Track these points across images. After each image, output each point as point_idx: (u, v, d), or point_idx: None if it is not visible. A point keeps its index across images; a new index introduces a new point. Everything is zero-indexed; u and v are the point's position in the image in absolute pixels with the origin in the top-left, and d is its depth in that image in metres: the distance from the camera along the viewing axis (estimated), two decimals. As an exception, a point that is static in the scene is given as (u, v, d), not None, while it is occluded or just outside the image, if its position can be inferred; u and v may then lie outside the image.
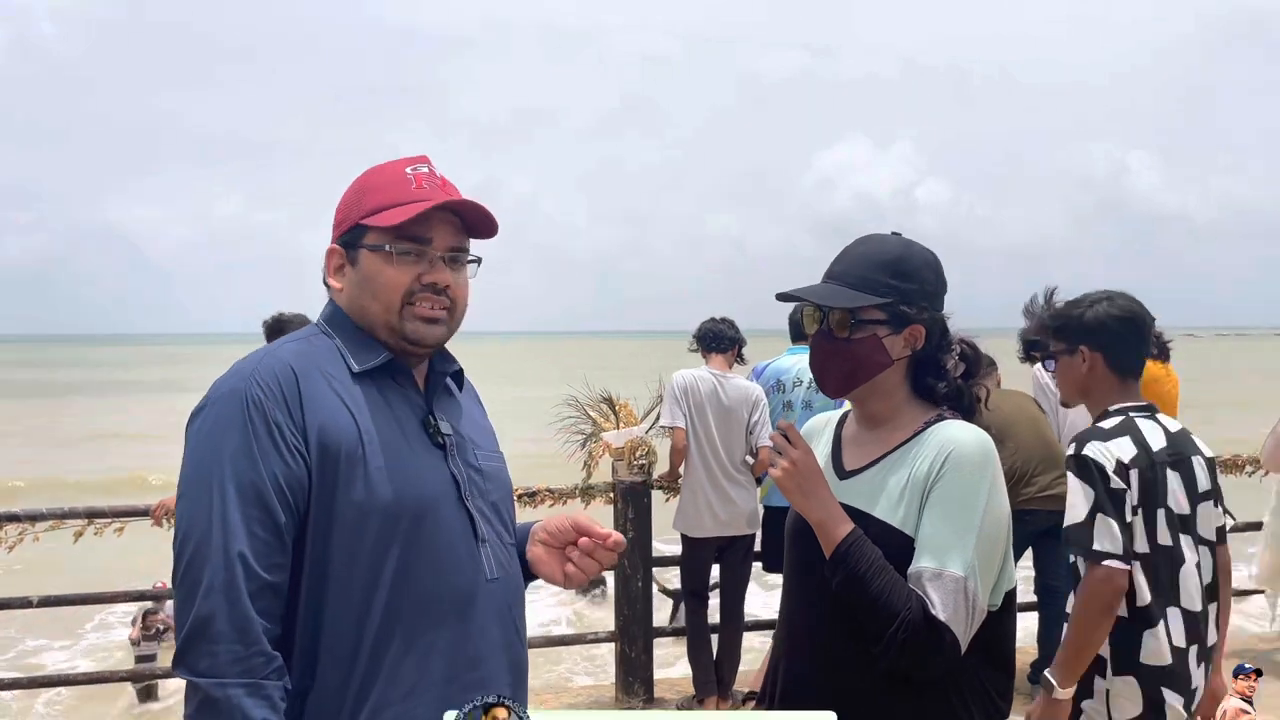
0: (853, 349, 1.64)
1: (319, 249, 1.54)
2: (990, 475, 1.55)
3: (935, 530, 1.52)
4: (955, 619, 1.48)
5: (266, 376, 1.36)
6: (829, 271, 1.69)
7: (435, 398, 1.52)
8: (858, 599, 1.51)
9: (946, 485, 1.53)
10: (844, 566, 1.53)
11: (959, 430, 1.58)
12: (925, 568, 1.51)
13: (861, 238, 1.72)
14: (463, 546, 1.43)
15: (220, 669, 1.25)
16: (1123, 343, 2.43)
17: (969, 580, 1.49)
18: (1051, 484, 4.63)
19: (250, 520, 1.29)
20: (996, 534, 1.54)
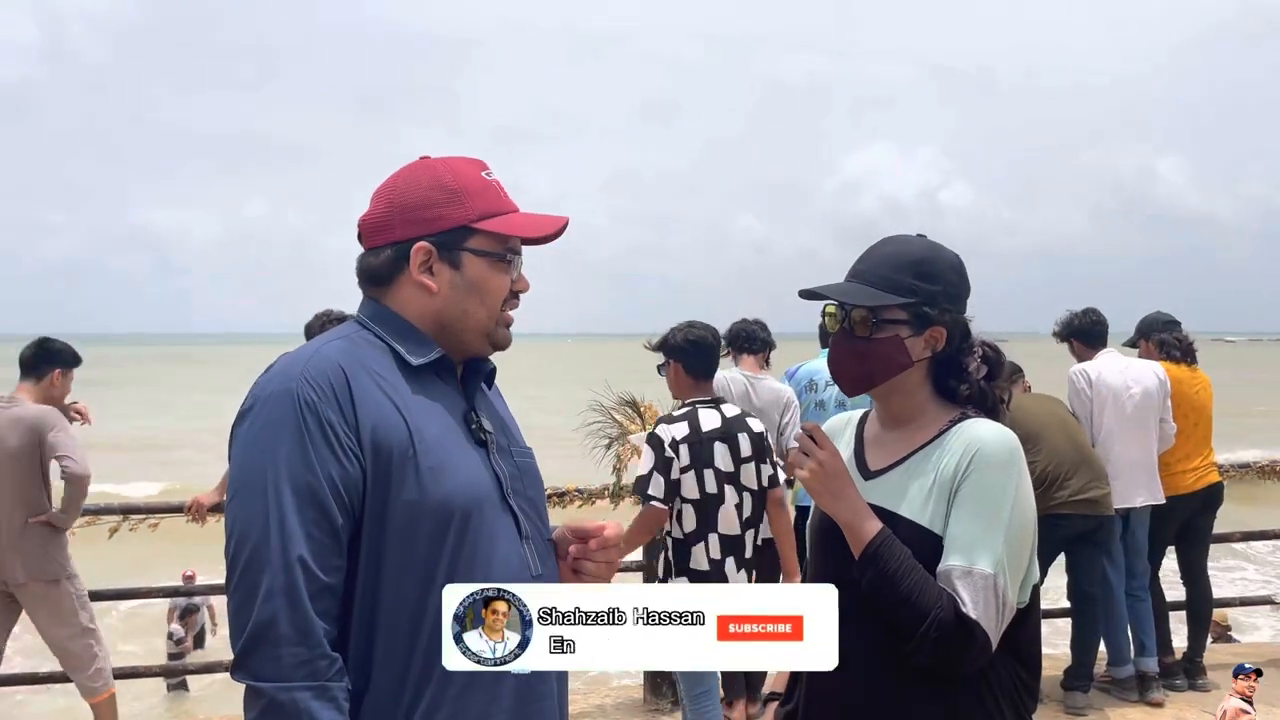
0: (873, 348, 1.63)
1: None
2: (1017, 472, 1.55)
3: (964, 528, 1.53)
4: (986, 616, 1.49)
5: (317, 376, 1.35)
6: (853, 270, 1.69)
7: (473, 395, 1.52)
8: (888, 598, 1.51)
9: (974, 483, 1.54)
10: (874, 566, 1.52)
11: (984, 428, 1.59)
12: (955, 566, 1.51)
13: (886, 238, 1.72)
14: (509, 544, 1.43)
15: (285, 673, 1.24)
16: (691, 357, 3.57)
17: (999, 577, 1.50)
18: (1084, 488, 4.58)
19: (308, 522, 1.28)
20: (1024, 531, 1.54)
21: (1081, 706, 4.65)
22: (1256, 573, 11.10)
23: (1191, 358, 5.04)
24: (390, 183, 1.50)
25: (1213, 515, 5.07)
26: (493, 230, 1.46)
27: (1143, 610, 4.86)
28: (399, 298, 1.48)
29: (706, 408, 3.52)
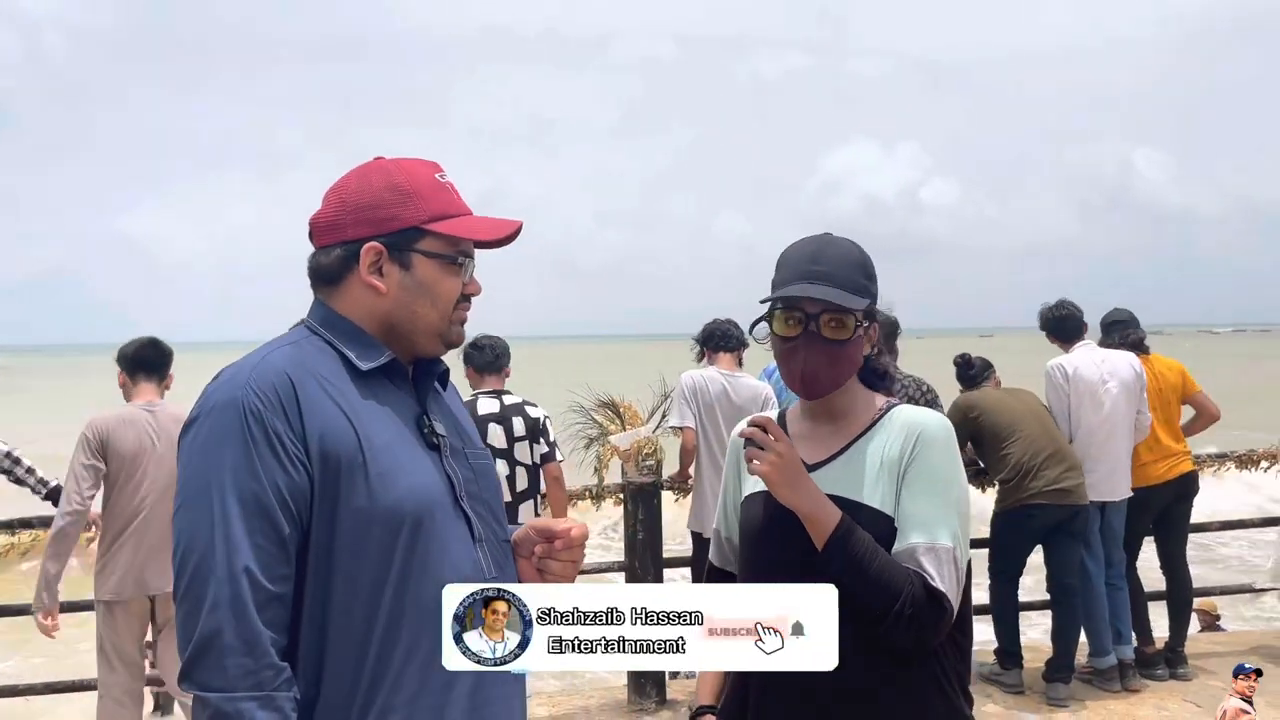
0: (847, 351, 1.67)
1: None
2: (956, 452, 1.66)
3: (920, 506, 1.59)
4: (950, 588, 1.56)
5: (263, 384, 1.34)
6: (812, 273, 1.66)
7: (425, 398, 1.51)
8: (859, 582, 1.53)
9: (923, 463, 1.61)
10: (842, 552, 1.55)
11: (919, 413, 1.68)
12: (918, 543, 1.57)
13: (827, 238, 1.73)
14: (462, 548, 1.43)
15: (231, 683, 1.24)
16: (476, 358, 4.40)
17: (956, 549, 1.58)
18: (1060, 477, 4.61)
19: (254, 532, 1.28)
20: (966, 507, 1.64)
21: (1063, 697, 4.67)
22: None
23: (1144, 350, 5.08)
24: (342, 182, 1.49)
25: (1189, 504, 5.10)
26: (444, 232, 1.46)
27: (1120, 599, 4.89)
28: (348, 298, 1.47)
29: (488, 397, 4.37)
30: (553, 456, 4.36)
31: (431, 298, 1.47)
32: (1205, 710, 4.55)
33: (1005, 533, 4.85)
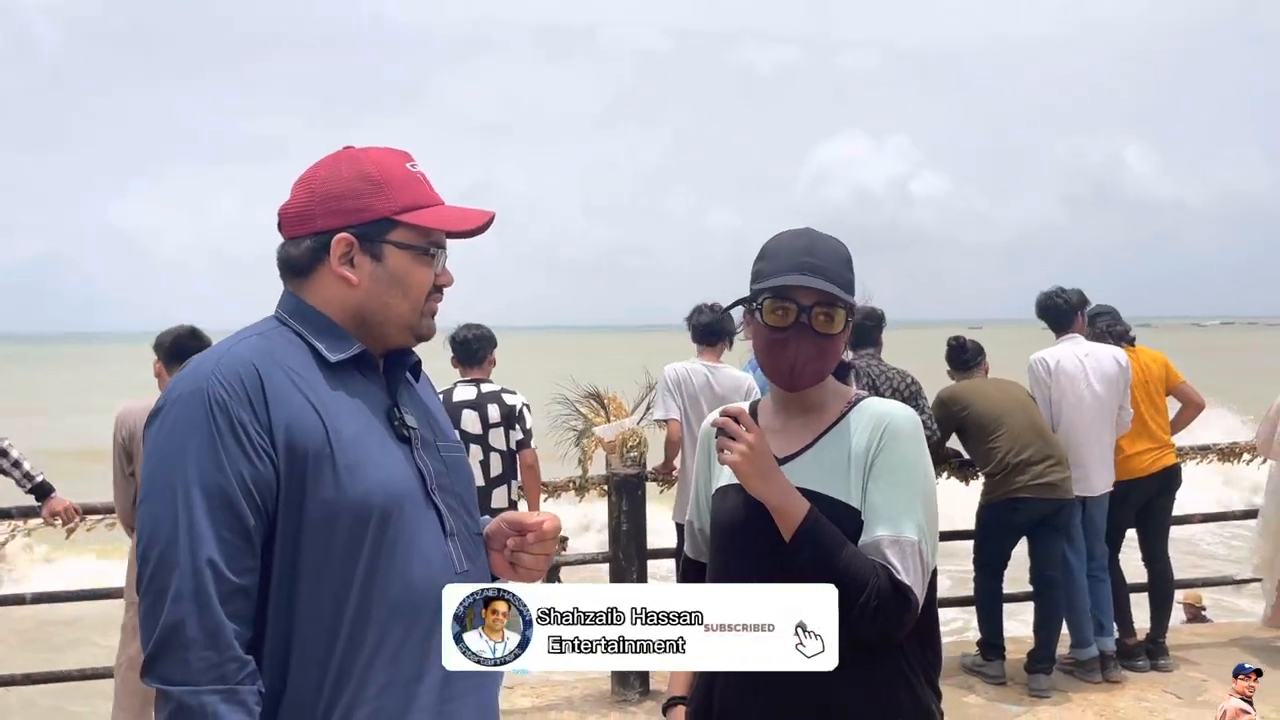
0: (832, 345, 1.68)
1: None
2: (923, 444, 1.66)
3: (885, 500, 1.60)
4: (915, 581, 1.56)
5: (229, 375, 1.33)
6: (806, 265, 1.66)
7: (397, 390, 1.50)
8: (826, 573, 1.52)
9: (888, 456, 1.62)
10: (810, 543, 1.55)
11: (886, 405, 1.69)
12: (883, 535, 1.57)
13: (813, 231, 1.73)
14: (432, 541, 1.42)
15: (194, 676, 1.23)
16: (459, 351, 4.49)
17: (922, 543, 1.58)
18: (1045, 471, 4.62)
19: (218, 524, 1.27)
20: (933, 499, 1.64)
21: (1045, 688, 4.69)
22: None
23: (1129, 341, 5.10)
24: (312, 172, 1.48)
25: (1171, 497, 5.12)
26: (416, 223, 1.45)
27: (1101, 591, 4.92)
28: (318, 290, 1.46)
29: (466, 385, 4.48)
30: (528, 443, 4.43)
31: (403, 289, 1.46)
32: (1185, 701, 4.58)
33: (990, 526, 4.87)
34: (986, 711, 4.51)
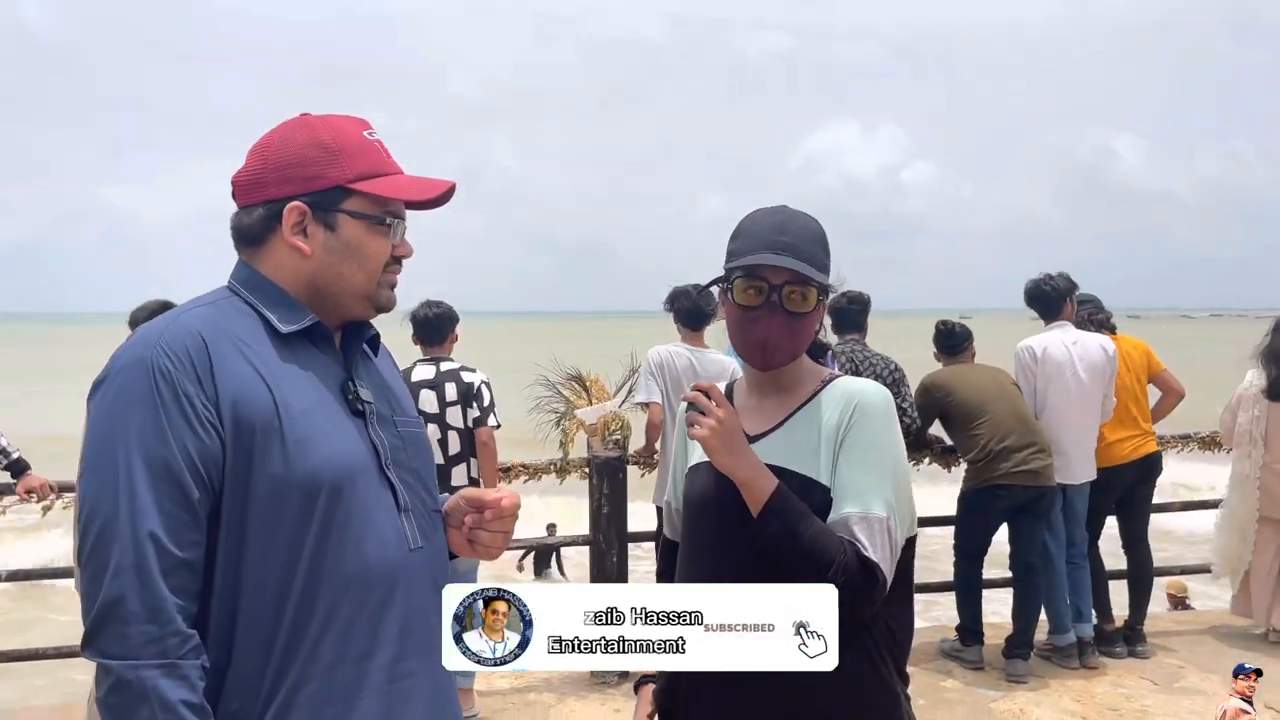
0: (804, 325, 1.67)
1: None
2: (894, 423, 1.65)
3: (855, 476, 1.59)
4: (883, 558, 1.55)
5: (174, 345, 1.30)
6: (778, 243, 1.65)
7: (353, 363, 1.47)
8: (793, 549, 1.53)
9: (859, 433, 1.61)
10: (777, 519, 1.55)
11: (858, 384, 1.68)
12: (851, 513, 1.56)
13: (787, 209, 1.71)
14: (385, 516, 1.39)
15: (133, 650, 1.21)
16: (419, 328, 4.45)
17: (890, 520, 1.57)
18: (1028, 458, 4.63)
19: (161, 497, 1.24)
20: (905, 476, 1.64)
21: (1023, 674, 4.71)
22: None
23: (1111, 329, 5.10)
24: (266, 139, 1.44)
25: (1151, 485, 5.14)
26: (371, 192, 1.42)
27: (1080, 578, 4.93)
28: (271, 259, 1.43)
29: (425, 364, 4.42)
30: (484, 421, 4.36)
31: (359, 260, 1.42)
32: (1162, 688, 4.60)
33: (971, 512, 4.87)
34: (964, 696, 4.52)
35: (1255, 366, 5.18)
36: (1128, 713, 4.33)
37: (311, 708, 1.30)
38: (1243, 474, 5.17)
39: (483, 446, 4.37)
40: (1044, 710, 4.36)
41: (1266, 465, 5.08)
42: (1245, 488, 5.16)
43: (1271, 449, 5.07)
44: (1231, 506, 5.26)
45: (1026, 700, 4.47)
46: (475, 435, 4.36)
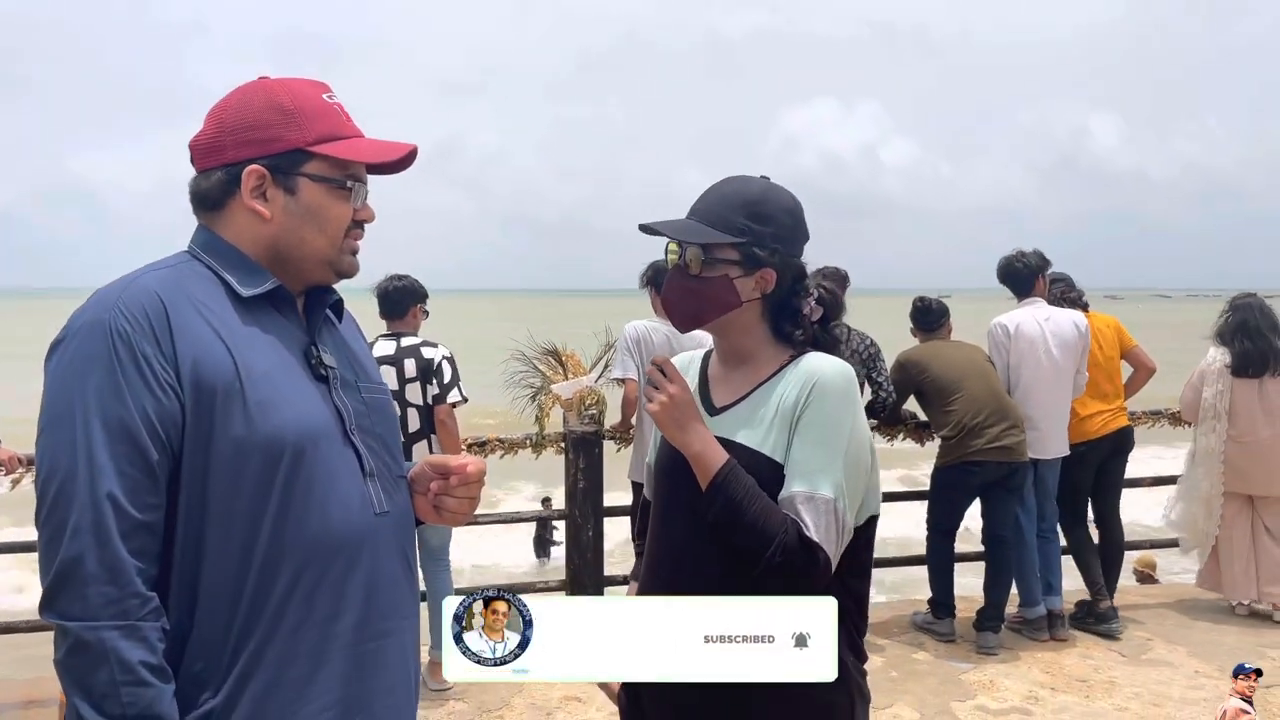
0: (702, 288, 1.66)
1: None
2: (853, 402, 1.62)
3: (805, 456, 1.58)
4: (827, 539, 1.54)
5: (132, 306, 1.29)
6: (692, 208, 1.70)
7: (317, 329, 1.47)
8: (735, 525, 1.55)
9: (813, 412, 1.59)
10: (721, 494, 1.56)
11: (822, 361, 1.65)
12: (797, 491, 1.56)
13: (728, 177, 1.73)
14: (350, 481, 1.39)
15: (92, 612, 1.20)
16: (381, 303, 4.40)
17: (838, 502, 1.56)
18: (1001, 435, 4.67)
19: (119, 458, 1.23)
20: (860, 457, 1.61)
21: (993, 646, 4.77)
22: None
23: (1083, 306, 5.15)
24: (223, 103, 1.43)
25: (1124, 460, 5.20)
26: (331, 155, 1.40)
27: (1050, 551, 5.00)
28: (231, 224, 1.42)
29: (386, 339, 4.37)
30: (444, 398, 4.28)
31: (319, 223, 1.41)
32: (1129, 659, 4.68)
33: (945, 488, 4.92)
34: (935, 668, 4.57)
35: (1215, 344, 5.24)
36: (1096, 683, 4.40)
37: (277, 668, 1.30)
38: (1207, 448, 5.23)
39: (441, 425, 4.30)
40: (1013, 681, 4.42)
41: (1231, 439, 5.15)
42: (1209, 463, 5.22)
43: (1236, 424, 5.14)
44: (1194, 481, 5.32)
45: (996, 672, 4.54)
46: (434, 413, 4.30)
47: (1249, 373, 5.09)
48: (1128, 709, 4.13)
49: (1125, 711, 4.11)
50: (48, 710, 3.94)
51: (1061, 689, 4.34)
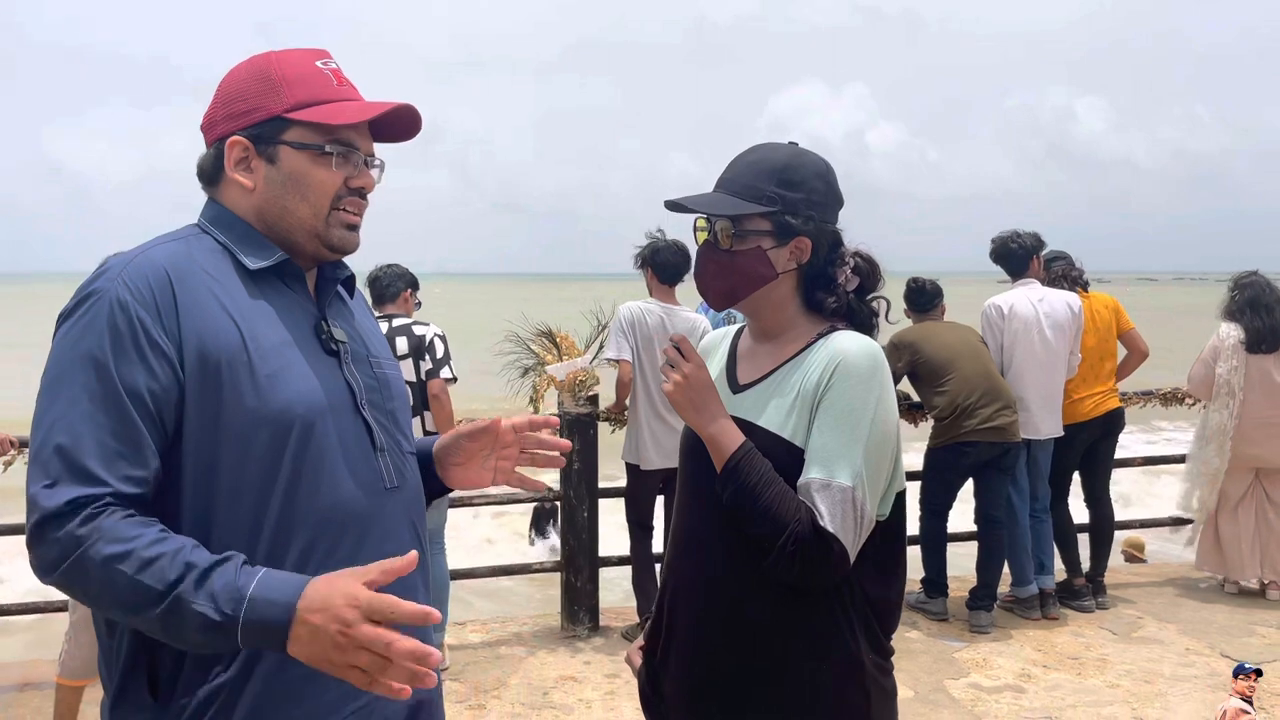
0: (736, 261, 1.60)
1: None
2: (879, 385, 1.53)
3: (824, 441, 1.51)
4: (844, 529, 1.48)
5: (135, 278, 1.28)
6: (718, 180, 1.65)
7: (327, 304, 1.46)
8: (748, 511, 1.50)
9: (834, 396, 1.52)
10: (735, 479, 1.52)
11: (848, 341, 1.56)
12: (814, 479, 1.50)
13: (753, 146, 1.66)
14: (359, 455, 1.38)
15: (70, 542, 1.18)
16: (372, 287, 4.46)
17: (856, 490, 1.49)
18: (993, 415, 4.69)
19: (100, 428, 1.22)
20: (884, 444, 1.53)
21: (985, 625, 4.81)
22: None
23: (1083, 285, 5.16)
24: (224, 78, 1.43)
25: (1114, 440, 5.23)
26: (310, 120, 1.38)
27: (1043, 531, 5.03)
28: (226, 197, 1.42)
29: (378, 320, 4.21)
30: (436, 373, 4.34)
31: (301, 191, 1.39)
32: (1120, 637, 4.71)
33: (937, 468, 4.94)
34: (929, 647, 4.60)
35: (1226, 320, 5.24)
36: (1087, 661, 4.44)
37: None
38: (1220, 425, 5.22)
39: (434, 399, 4.34)
40: (1006, 659, 4.46)
41: (1245, 415, 5.16)
42: (1221, 439, 5.23)
43: (1249, 399, 5.16)
44: (1205, 458, 5.33)
45: (989, 650, 4.57)
46: (427, 388, 4.34)
47: (1262, 348, 5.12)
48: (1119, 686, 4.17)
49: (1117, 688, 4.15)
50: (44, 693, 3.93)
51: (1054, 667, 4.38)
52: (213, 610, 1.16)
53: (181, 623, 1.17)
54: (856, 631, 1.57)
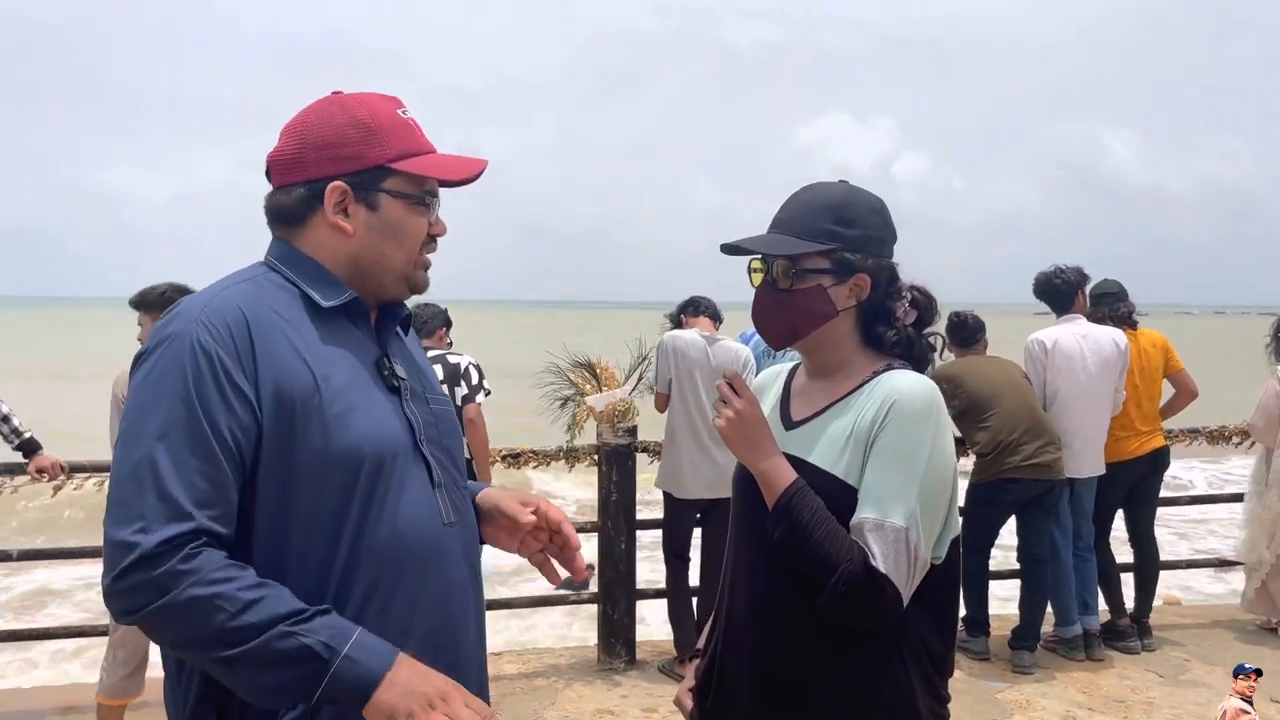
0: (796, 300, 1.60)
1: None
2: (934, 424, 1.51)
3: (878, 481, 1.49)
4: (896, 570, 1.46)
5: (215, 320, 1.30)
6: (774, 220, 1.66)
7: (387, 341, 1.48)
8: (799, 550, 1.49)
9: (889, 435, 1.50)
10: (786, 517, 1.51)
11: (904, 380, 1.55)
12: (867, 518, 1.48)
13: (806, 185, 1.68)
14: (421, 491, 1.40)
15: (160, 586, 1.19)
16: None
17: (910, 531, 1.47)
18: (1036, 452, 4.63)
19: (187, 468, 1.23)
20: (939, 484, 1.51)
21: (1028, 665, 4.73)
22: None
23: (1132, 324, 5.08)
24: (302, 118, 1.44)
25: (1159, 479, 5.14)
26: (410, 171, 1.42)
27: (1086, 571, 4.95)
28: (312, 239, 1.43)
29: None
30: (473, 398, 4.51)
31: (399, 238, 1.44)
32: (1168, 680, 4.62)
33: (980, 504, 4.87)
34: (970, 686, 4.53)
35: (1275, 361, 5.13)
36: (1134, 704, 4.35)
37: None
38: None
39: (470, 423, 4.45)
40: (1050, 701, 4.38)
41: None
42: None
43: None
44: (1267, 503, 5.18)
45: (1033, 691, 4.49)
46: (463, 413, 4.45)
47: None
48: (1168, 731, 4.08)
49: (1165, 733, 4.05)
50: (86, 717, 3.96)
51: (1099, 709, 4.29)
52: (315, 641, 1.20)
53: (270, 658, 1.19)
54: (911, 676, 1.55)
